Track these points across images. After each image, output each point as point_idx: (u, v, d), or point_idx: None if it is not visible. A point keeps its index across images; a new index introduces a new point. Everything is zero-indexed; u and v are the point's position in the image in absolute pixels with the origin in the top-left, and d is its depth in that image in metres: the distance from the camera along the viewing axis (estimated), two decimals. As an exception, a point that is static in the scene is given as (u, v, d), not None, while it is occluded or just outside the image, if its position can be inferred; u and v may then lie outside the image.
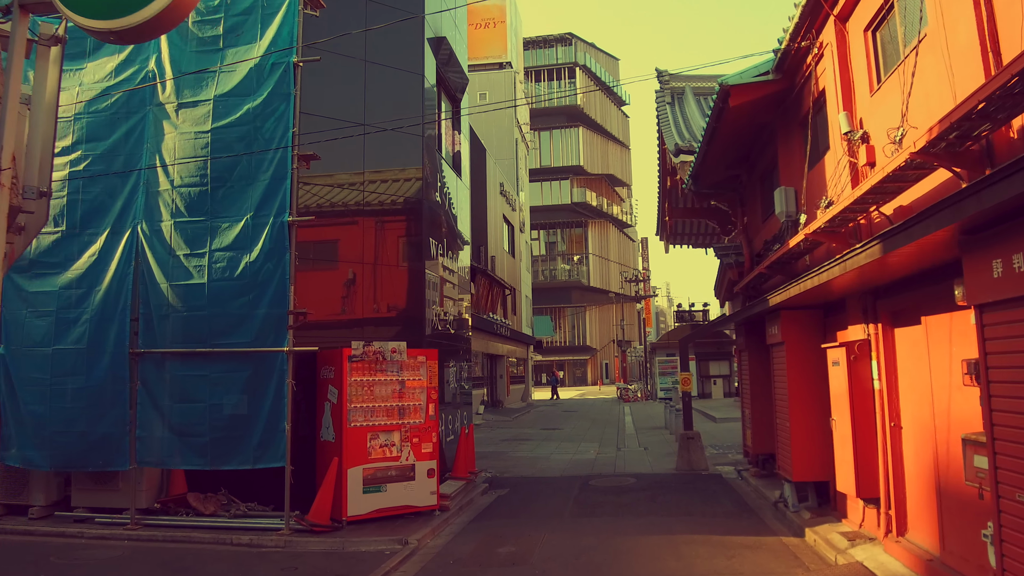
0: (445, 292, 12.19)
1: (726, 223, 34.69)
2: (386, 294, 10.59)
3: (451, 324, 12.43)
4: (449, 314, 12.30)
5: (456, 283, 13.01)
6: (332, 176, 10.35)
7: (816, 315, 8.83)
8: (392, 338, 9.89)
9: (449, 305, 12.33)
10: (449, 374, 12.07)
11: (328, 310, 10.13)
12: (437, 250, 11.66)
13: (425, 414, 9.63)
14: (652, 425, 23.78)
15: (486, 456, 15.92)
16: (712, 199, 14.56)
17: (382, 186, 10.74)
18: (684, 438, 12.98)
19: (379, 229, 10.69)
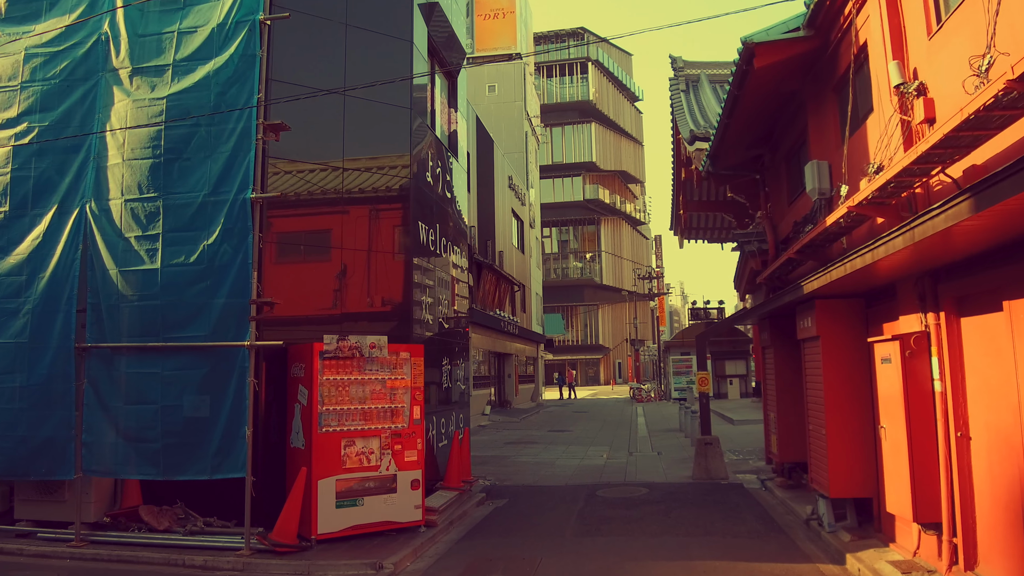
0: (438, 283, 11.07)
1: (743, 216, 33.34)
2: (369, 286, 9.47)
3: (446, 318, 11.31)
4: (443, 307, 11.18)
5: (453, 274, 11.89)
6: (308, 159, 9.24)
7: (857, 305, 7.63)
8: (376, 333, 8.78)
9: (443, 297, 11.21)
10: (442, 372, 10.96)
11: (305, 304, 9.02)
12: (428, 236, 10.54)
13: (409, 418, 8.51)
14: (666, 427, 22.57)
15: (486, 461, 14.80)
16: (731, 182, 13.37)
17: (365, 166, 9.62)
18: (701, 443, 11.80)
19: (362, 215, 9.57)
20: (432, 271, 10.70)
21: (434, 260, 10.80)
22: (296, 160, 8.97)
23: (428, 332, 10.32)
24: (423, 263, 10.26)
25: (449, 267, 11.71)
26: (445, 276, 11.48)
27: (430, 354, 10.45)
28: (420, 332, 9.94)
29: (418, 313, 9.95)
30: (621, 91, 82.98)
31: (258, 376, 8.19)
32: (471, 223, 26.29)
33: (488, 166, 30.31)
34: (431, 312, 10.53)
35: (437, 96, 12.06)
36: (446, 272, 11.49)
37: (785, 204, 11.48)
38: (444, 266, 11.39)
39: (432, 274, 10.71)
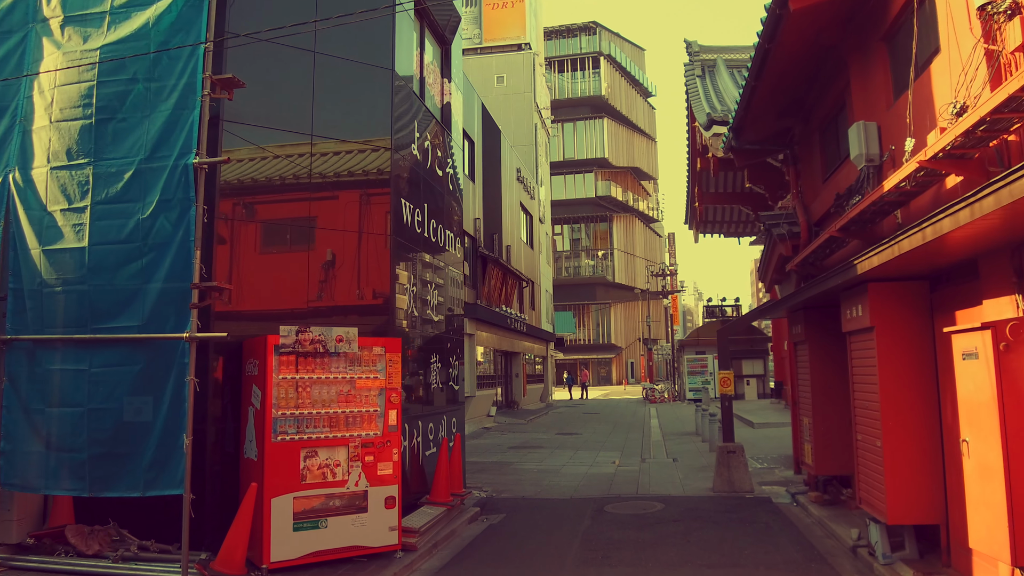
0: (428, 271, 9.82)
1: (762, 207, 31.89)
2: (344, 273, 8.21)
3: (437, 311, 10.05)
4: (434, 298, 9.92)
5: (446, 263, 10.63)
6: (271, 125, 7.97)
7: (920, 288, 6.29)
8: (353, 326, 7.53)
9: (434, 287, 9.95)
10: (431, 371, 9.70)
11: (272, 296, 7.77)
12: (414, 217, 9.28)
13: (383, 424, 7.24)
14: (681, 430, 21.23)
15: (486, 468, 13.53)
16: (756, 159, 12.03)
17: (339, 134, 8.36)
18: (723, 452, 10.48)
19: (337, 191, 8.32)
20: (419, 256, 9.44)
21: (422, 244, 9.54)
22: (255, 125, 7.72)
23: (413, 326, 9.06)
24: (408, 247, 9.00)
25: (442, 254, 10.45)
26: (437, 263, 10.22)
27: (416, 350, 9.20)
28: (403, 325, 8.68)
29: (401, 303, 8.68)
30: (634, 86, 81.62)
31: (210, 375, 6.97)
32: (476, 215, 25.06)
33: (495, 157, 29.05)
34: (418, 303, 9.27)
35: (427, 63, 10.79)
36: (438, 259, 10.23)
37: (819, 181, 10.14)
38: (436, 252, 10.13)
39: (420, 260, 9.45)
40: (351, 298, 8.17)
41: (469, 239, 24.32)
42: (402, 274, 8.80)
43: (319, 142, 8.10)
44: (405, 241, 8.90)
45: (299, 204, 8.01)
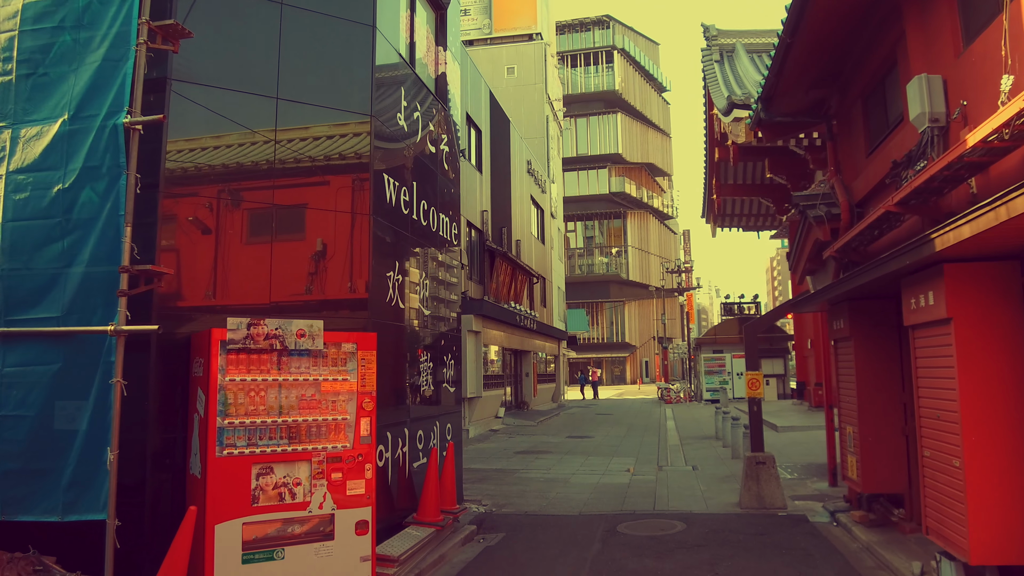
0: (417, 260, 8.70)
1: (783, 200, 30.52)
2: (316, 261, 7.10)
3: (428, 303, 8.92)
4: (424, 290, 8.79)
5: (440, 250, 9.51)
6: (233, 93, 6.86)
7: (1009, 270, 5.08)
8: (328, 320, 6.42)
9: (424, 277, 8.82)
10: (421, 372, 8.57)
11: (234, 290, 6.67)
12: (399, 196, 8.16)
13: (354, 434, 6.13)
14: (700, 433, 20.00)
15: (487, 477, 12.40)
16: (789, 133, 10.80)
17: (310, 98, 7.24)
18: (752, 463, 9.27)
19: (310, 168, 7.19)
20: (406, 241, 8.31)
21: (410, 227, 8.41)
22: (209, 85, 6.60)
23: (397, 319, 7.93)
24: (391, 229, 7.87)
25: (436, 240, 9.32)
26: (429, 250, 9.09)
27: (402, 348, 8.08)
28: (384, 319, 7.55)
29: (381, 293, 7.55)
30: (648, 81, 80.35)
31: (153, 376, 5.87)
32: (484, 207, 23.95)
33: (504, 148, 27.92)
34: (404, 294, 8.14)
35: (419, 27, 9.66)
36: (429, 245, 9.10)
37: (861, 155, 8.93)
38: (427, 238, 9.00)
39: (407, 245, 8.32)
40: (322, 288, 7.04)
41: (476, 232, 23.22)
42: (384, 260, 7.67)
43: (287, 106, 6.98)
44: (388, 222, 7.77)
45: (263, 179, 6.89)
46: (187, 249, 6.30)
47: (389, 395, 7.66)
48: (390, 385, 7.71)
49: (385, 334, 7.51)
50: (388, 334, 7.63)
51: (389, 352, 7.70)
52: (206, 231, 6.45)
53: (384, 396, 7.46)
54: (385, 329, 7.51)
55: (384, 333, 7.47)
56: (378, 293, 7.44)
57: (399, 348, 8.00)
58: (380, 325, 7.34)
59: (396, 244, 8.03)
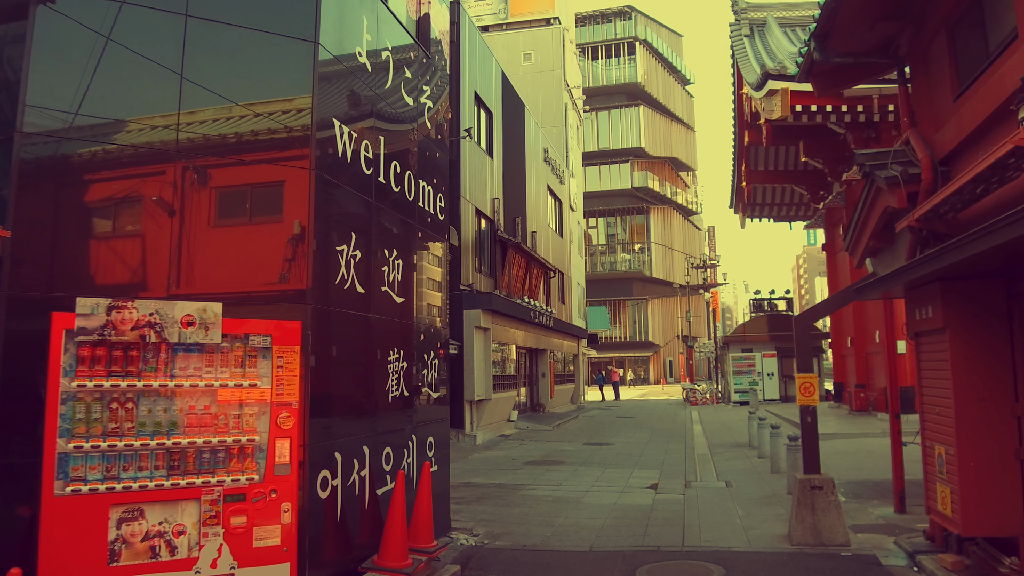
0: (382, 237, 6.98)
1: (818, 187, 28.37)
2: (235, 231, 5.40)
3: (399, 289, 7.19)
4: (395, 272, 7.05)
5: (419, 228, 7.79)
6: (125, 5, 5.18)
7: None
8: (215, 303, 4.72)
9: (394, 257, 7.08)
10: (389, 375, 6.84)
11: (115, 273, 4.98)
12: (359, 151, 6.44)
13: (266, 462, 4.42)
14: (730, 440, 18.10)
15: (486, 496, 10.65)
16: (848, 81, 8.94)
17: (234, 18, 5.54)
18: (806, 487, 7.42)
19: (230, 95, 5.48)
20: (369, 209, 6.59)
21: (374, 192, 6.68)
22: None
23: (353, 307, 6.20)
24: (345, 192, 6.15)
25: (412, 212, 7.58)
26: (405, 226, 7.37)
27: (359, 343, 6.36)
28: (331, 305, 5.82)
29: (328, 272, 5.82)
30: (671, 73, 78.38)
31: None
32: (495, 195, 22.23)
33: (518, 133, 26.16)
34: (366, 276, 6.41)
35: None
36: (404, 219, 7.37)
37: (947, 100, 7.05)
38: (399, 208, 7.27)
39: (368, 215, 6.59)
40: (238, 264, 5.32)
41: (487, 221, 21.50)
42: (333, 230, 5.95)
43: (199, 25, 5.28)
44: (339, 182, 6.04)
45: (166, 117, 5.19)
46: (45, 220, 4.63)
47: (338, 403, 5.94)
48: (341, 390, 6.00)
49: (333, 325, 5.80)
50: (338, 325, 5.91)
51: (340, 348, 5.99)
52: (76, 195, 4.77)
53: (330, 405, 5.75)
54: (333, 318, 5.80)
55: (332, 323, 5.76)
56: (323, 271, 5.71)
57: (356, 343, 6.28)
58: (324, 313, 5.62)
59: (352, 211, 6.31)
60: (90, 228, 4.81)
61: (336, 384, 5.89)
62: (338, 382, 5.93)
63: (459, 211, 18.67)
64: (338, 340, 5.94)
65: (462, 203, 18.85)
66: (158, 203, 4.94)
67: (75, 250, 4.73)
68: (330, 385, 5.76)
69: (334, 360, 5.85)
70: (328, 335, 5.72)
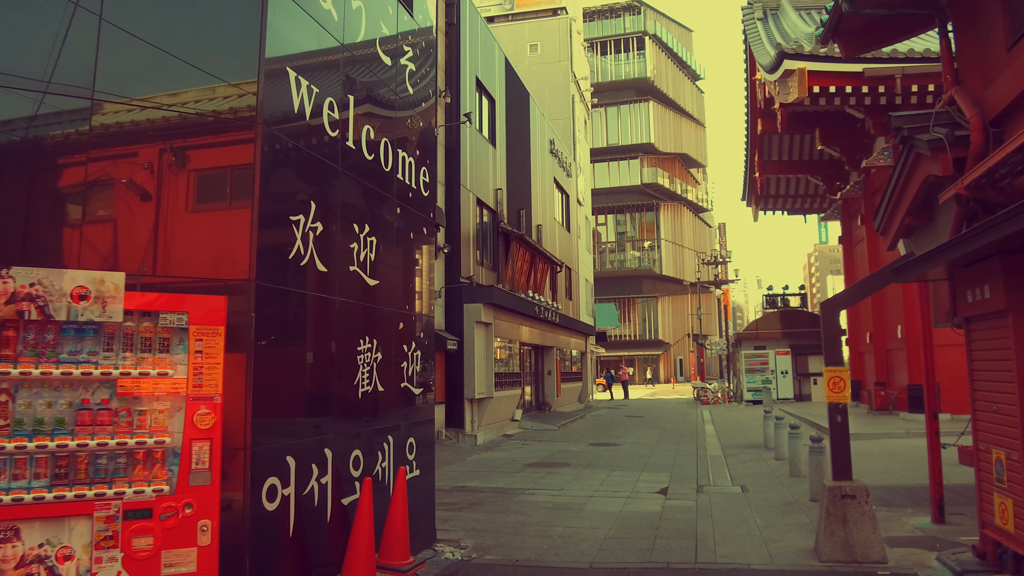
0: (351, 210, 6.15)
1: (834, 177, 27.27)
2: (179, 207, 4.57)
3: (371, 271, 6.34)
4: (366, 252, 6.20)
5: (398, 203, 6.94)
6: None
7: None
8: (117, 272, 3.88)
9: (366, 234, 6.23)
10: (359, 365, 5.99)
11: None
12: (325, 112, 5.60)
13: (179, 470, 3.58)
14: (744, 441, 17.19)
15: (481, 502, 9.80)
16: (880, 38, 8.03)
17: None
18: (835, 496, 6.52)
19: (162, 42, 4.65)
20: (333, 177, 5.74)
21: (340, 159, 5.83)
22: None
23: (311, 288, 5.35)
24: (302, 154, 5.30)
25: (388, 184, 6.73)
26: (380, 200, 6.53)
27: (318, 329, 5.51)
28: (281, 283, 4.97)
29: (277, 244, 4.97)
30: (681, 68, 77.38)
31: None
32: (498, 185, 21.38)
33: (522, 122, 25.31)
34: (328, 253, 5.56)
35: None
36: (379, 191, 6.52)
37: (1000, 50, 6.14)
38: (372, 178, 6.42)
39: (332, 182, 5.75)
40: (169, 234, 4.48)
41: (489, 212, 20.66)
42: (286, 197, 5.10)
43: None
44: (296, 142, 5.19)
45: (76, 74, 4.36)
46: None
47: (292, 399, 5.10)
48: (295, 384, 5.15)
49: (286, 306, 4.96)
50: (293, 307, 5.07)
51: (296, 334, 5.15)
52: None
53: (282, 401, 4.91)
54: (286, 299, 4.96)
55: (284, 305, 4.92)
56: (273, 243, 4.87)
57: (316, 329, 5.43)
58: (273, 293, 4.78)
59: (312, 177, 5.46)
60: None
61: (289, 376, 5.04)
62: (292, 374, 5.09)
63: (458, 200, 17.83)
64: (292, 325, 5.10)
65: (462, 192, 18.01)
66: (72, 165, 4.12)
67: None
68: (281, 377, 4.91)
69: (287, 348, 5.01)
70: (279, 318, 4.88)
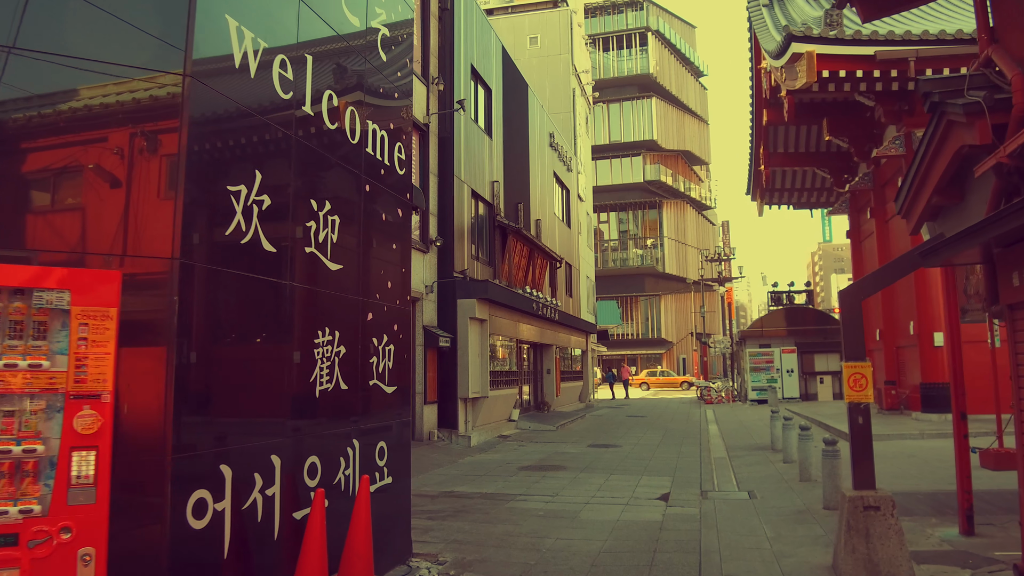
0: (306, 183, 5.44)
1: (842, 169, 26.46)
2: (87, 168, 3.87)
3: (332, 254, 5.63)
4: (326, 231, 5.49)
5: (363, 181, 6.24)
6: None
7: None
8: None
9: (325, 211, 5.52)
10: (318, 358, 5.27)
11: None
12: (276, 69, 4.89)
13: (55, 486, 2.86)
14: (749, 442, 16.47)
15: (466, 509, 9.09)
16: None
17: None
18: (856, 507, 5.80)
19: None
20: (283, 143, 5.02)
21: (294, 124, 5.11)
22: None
23: (255, 270, 4.63)
24: (243, 114, 4.59)
25: (352, 155, 6.01)
26: (343, 173, 5.82)
27: (264, 317, 4.80)
28: (218, 263, 4.25)
29: (212, 216, 4.26)
30: (684, 64, 76.65)
31: None
32: (494, 177, 20.68)
33: (520, 113, 24.59)
34: (280, 230, 4.85)
35: None
36: (340, 161, 5.81)
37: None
38: (332, 148, 5.71)
39: (282, 149, 5.03)
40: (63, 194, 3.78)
41: (485, 205, 19.95)
42: (222, 163, 4.39)
43: None
44: (234, 99, 4.48)
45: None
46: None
47: (229, 398, 4.38)
48: (233, 380, 4.43)
49: (220, 290, 4.25)
50: (231, 291, 4.36)
51: (234, 323, 4.44)
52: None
53: (215, 399, 4.20)
54: (220, 282, 4.24)
55: (218, 288, 4.21)
56: (204, 216, 4.16)
57: (261, 318, 4.72)
58: (203, 273, 4.06)
59: (257, 142, 4.75)
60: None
61: (227, 372, 4.33)
62: (230, 369, 4.38)
63: (452, 191, 17.12)
64: (231, 312, 4.39)
65: (456, 183, 17.30)
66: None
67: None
68: (217, 373, 4.20)
69: (224, 339, 4.30)
70: (213, 304, 4.18)
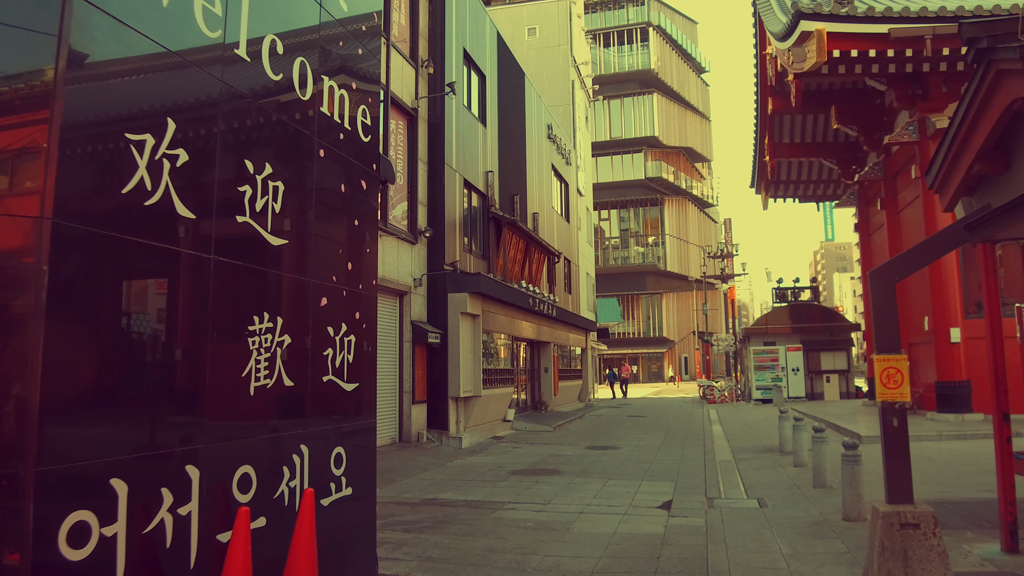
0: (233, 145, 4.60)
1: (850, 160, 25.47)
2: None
3: (274, 226, 4.78)
4: (270, 202, 4.64)
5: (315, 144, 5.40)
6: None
7: None
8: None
9: (266, 177, 4.67)
10: (252, 346, 4.42)
11: None
12: (196, 8, 4.04)
13: None
14: (756, 444, 15.62)
15: (447, 519, 8.23)
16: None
17: None
18: (891, 524, 4.96)
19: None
20: (209, 89, 4.17)
21: (220, 66, 4.27)
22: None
23: (172, 242, 3.78)
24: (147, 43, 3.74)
25: (309, 120, 5.16)
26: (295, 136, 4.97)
27: (184, 297, 3.95)
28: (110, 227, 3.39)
29: (106, 171, 3.40)
30: (686, 60, 75.91)
31: None
32: (489, 167, 19.83)
33: (516, 102, 23.74)
34: (200, 192, 4.01)
35: None
36: (287, 120, 4.96)
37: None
38: (282, 107, 4.86)
39: (212, 100, 4.18)
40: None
41: (479, 196, 19.11)
42: (122, 110, 3.54)
43: None
44: (130, 24, 3.62)
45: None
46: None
47: (126, 396, 3.52)
48: (132, 374, 3.58)
49: (112, 259, 3.40)
50: (131, 264, 3.51)
51: (132, 301, 3.59)
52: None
53: (106, 398, 3.36)
54: (111, 249, 3.38)
55: (109, 259, 3.36)
56: (91, 169, 3.31)
57: (171, 296, 3.86)
58: (86, 238, 3.21)
59: (169, 84, 3.90)
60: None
61: (120, 362, 3.48)
62: (126, 358, 3.53)
63: (442, 180, 16.28)
64: (128, 288, 3.55)
65: (446, 171, 16.45)
66: None
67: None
68: (105, 364, 3.36)
69: (115, 320, 3.46)
70: (100, 277, 3.33)
